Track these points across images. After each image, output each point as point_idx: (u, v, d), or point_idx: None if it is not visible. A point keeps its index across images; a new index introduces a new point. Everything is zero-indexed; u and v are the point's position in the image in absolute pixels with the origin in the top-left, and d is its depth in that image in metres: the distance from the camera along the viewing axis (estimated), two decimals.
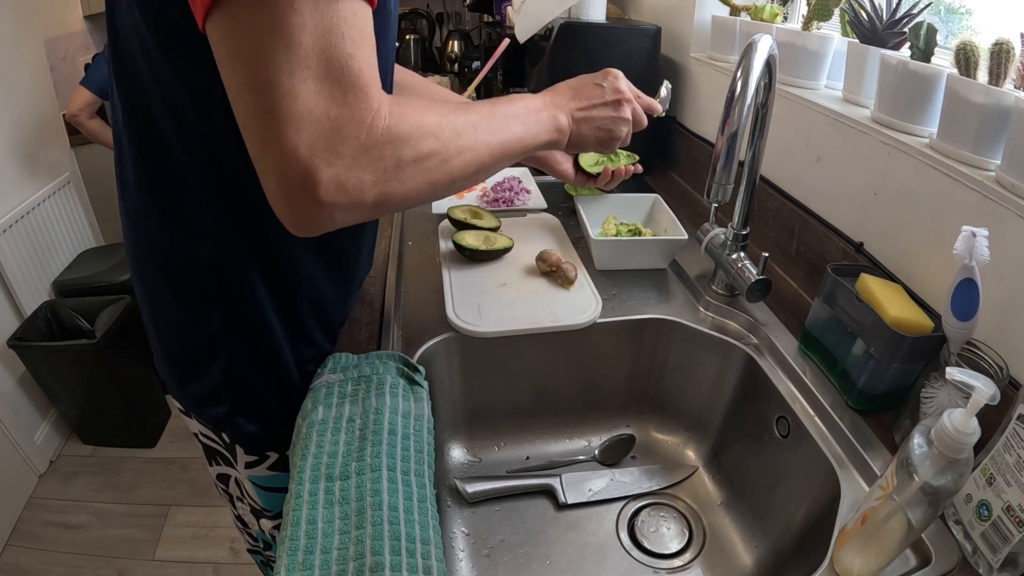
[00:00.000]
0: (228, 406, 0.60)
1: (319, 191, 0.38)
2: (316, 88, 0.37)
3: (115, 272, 1.90)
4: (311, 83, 0.37)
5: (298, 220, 0.41)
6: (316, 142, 0.38)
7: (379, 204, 0.42)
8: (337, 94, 0.38)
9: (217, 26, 0.37)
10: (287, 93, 0.36)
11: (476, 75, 1.10)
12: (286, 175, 0.38)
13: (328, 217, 0.40)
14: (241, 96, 0.38)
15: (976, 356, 0.53)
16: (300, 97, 0.37)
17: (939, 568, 0.48)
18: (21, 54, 1.81)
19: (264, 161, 0.39)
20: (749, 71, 0.58)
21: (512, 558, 0.67)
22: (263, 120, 0.37)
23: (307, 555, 0.43)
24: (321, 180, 0.38)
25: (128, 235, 0.57)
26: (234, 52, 0.37)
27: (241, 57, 0.37)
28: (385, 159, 0.41)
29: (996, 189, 0.56)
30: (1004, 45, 0.56)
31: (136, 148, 0.51)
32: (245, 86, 0.37)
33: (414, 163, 0.43)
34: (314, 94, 0.37)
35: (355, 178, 0.40)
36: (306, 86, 0.37)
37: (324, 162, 0.38)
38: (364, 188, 0.41)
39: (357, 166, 0.40)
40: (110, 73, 0.50)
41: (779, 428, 0.68)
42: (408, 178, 0.43)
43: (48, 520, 1.64)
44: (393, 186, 0.42)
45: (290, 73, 0.36)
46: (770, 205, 0.92)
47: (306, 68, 0.37)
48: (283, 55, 0.36)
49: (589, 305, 0.76)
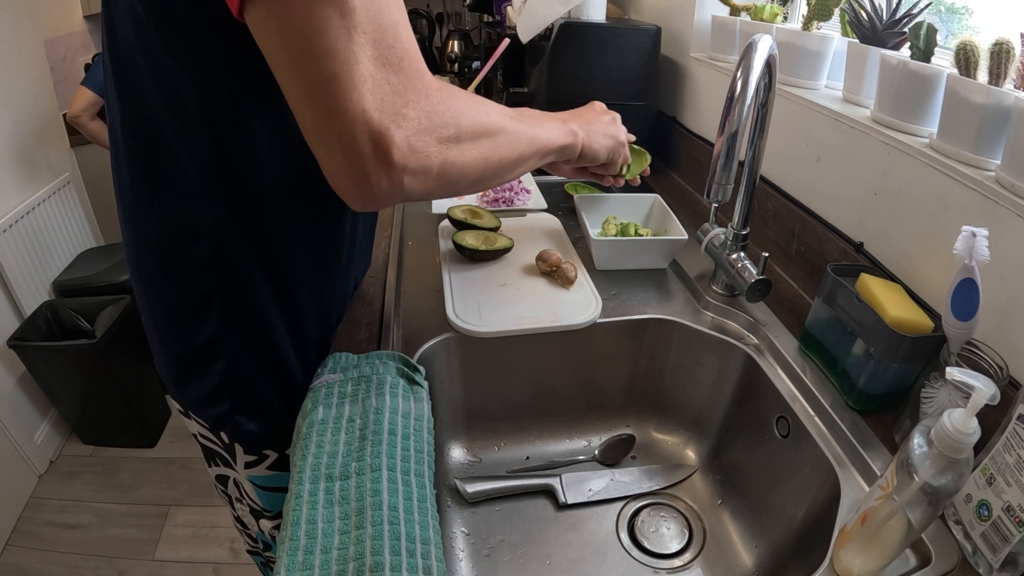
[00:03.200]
0: (228, 405, 0.60)
1: (392, 153, 0.38)
2: (374, 53, 0.37)
3: (115, 272, 1.90)
4: (369, 48, 0.37)
5: (368, 189, 0.40)
6: (384, 104, 0.37)
7: (442, 173, 0.43)
8: (394, 59, 0.38)
9: (260, 5, 0.37)
10: (349, 58, 0.36)
11: (476, 75, 1.10)
12: (356, 140, 0.37)
13: (398, 183, 0.40)
14: (296, 69, 0.37)
15: (976, 356, 0.53)
16: (361, 61, 0.37)
17: (939, 568, 0.48)
18: (21, 54, 1.81)
19: (329, 132, 0.38)
20: (749, 71, 0.58)
21: (512, 558, 0.67)
22: (326, 88, 0.37)
23: (307, 555, 0.43)
24: (394, 140, 0.38)
25: (127, 235, 0.57)
26: (284, 25, 0.36)
27: (293, 29, 0.36)
28: (447, 127, 0.42)
29: (996, 189, 0.56)
30: (1004, 45, 0.56)
31: (134, 147, 0.50)
32: (300, 58, 0.37)
33: (471, 136, 0.44)
34: (373, 59, 0.37)
35: (423, 142, 0.40)
36: (365, 51, 0.37)
37: (394, 123, 0.38)
38: (431, 154, 0.41)
39: (423, 131, 0.40)
40: (106, 73, 0.50)
41: (779, 428, 0.68)
42: (467, 150, 0.44)
43: (48, 520, 1.64)
44: (454, 155, 0.43)
45: (348, 39, 0.36)
46: (770, 205, 0.92)
47: (363, 33, 0.37)
48: (339, 20, 0.36)
49: (589, 305, 0.76)
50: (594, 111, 0.73)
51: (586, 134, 0.67)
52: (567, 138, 0.63)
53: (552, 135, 0.60)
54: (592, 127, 0.69)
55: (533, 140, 0.55)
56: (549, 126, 0.60)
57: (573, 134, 0.64)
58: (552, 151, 0.61)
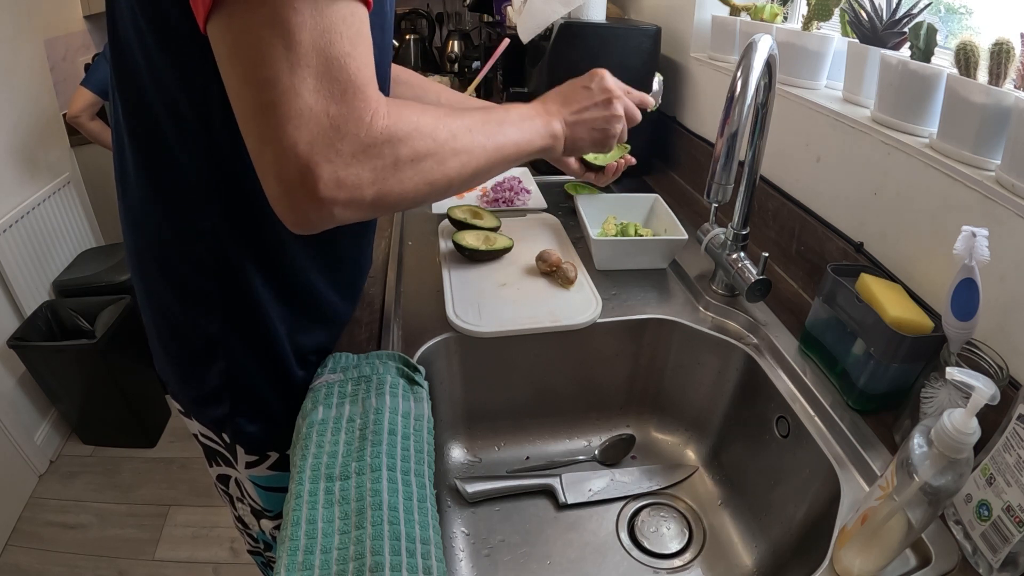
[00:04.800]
0: (228, 406, 0.60)
1: (319, 187, 0.39)
2: (316, 86, 0.37)
3: (115, 272, 1.90)
4: (311, 81, 0.37)
5: (297, 217, 0.41)
6: (316, 139, 0.38)
7: (377, 202, 0.43)
8: (336, 92, 0.38)
9: (217, 25, 0.37)
10: (287, 90, 0.37)
11: (476, 75, 1.10)
12: (285, 171, 0.38)
13: (327, 214, 0.40)
14: (240, 93, 0.38)
15: (976, 356, 0.53)
16: (300, 94, 0.37)
17: (939, 568, 0.48)
18: (21, 54, 1.81)
19: (263, 158, 0.39)
20: (749, 71, 0.58)
21: (512, 558, 0.67)
22: (263, 117, 0.37)
23: (307, 555, 0.43)
24: (321, 176, 0.38)
25: (128, 235, 0.57)
26: (234, 50, 0.37)
27: (241, 55, 0.37)
28: (384, 157, 0.41)
29: (996, 189, 0.56)
30: (1004, 45, 0.56)
31: (136, 148, 0.51)
32: (245, 83, 0.38)
33: (411, 163, 0.43)
34: (313, 92, 0.37)
35: (354, 175, 0.40)
36: (306, 84, 0.37)
37: (324, 158, 0.38)
38: (363, 186, 0.41)
39: (356, 163, 0.40)
40: (111, 72, 0.50)
41: (779, 428, 0.68)
42: (406, 178, 0.44)
43: (48, 520, 1.64)
44: (391, 185, 0.43)
45: (290, 71, 0.36)
46: (770, 205, 0.92)
47: (306, 66, 0.37)
48: (283, 52, 0.36)
49: (589, 305, 0.76)
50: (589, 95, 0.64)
51: (571, 130, 0.62)
52: (544, 142, 0.59)
53: (525, 139, 0.57)
54: (582, 118, 0.63)
55: (498, 150, 0.52)
56: (525, 129, 0.57)
57: (553, 137, 0.60)
58: (525, 156, 0.57)
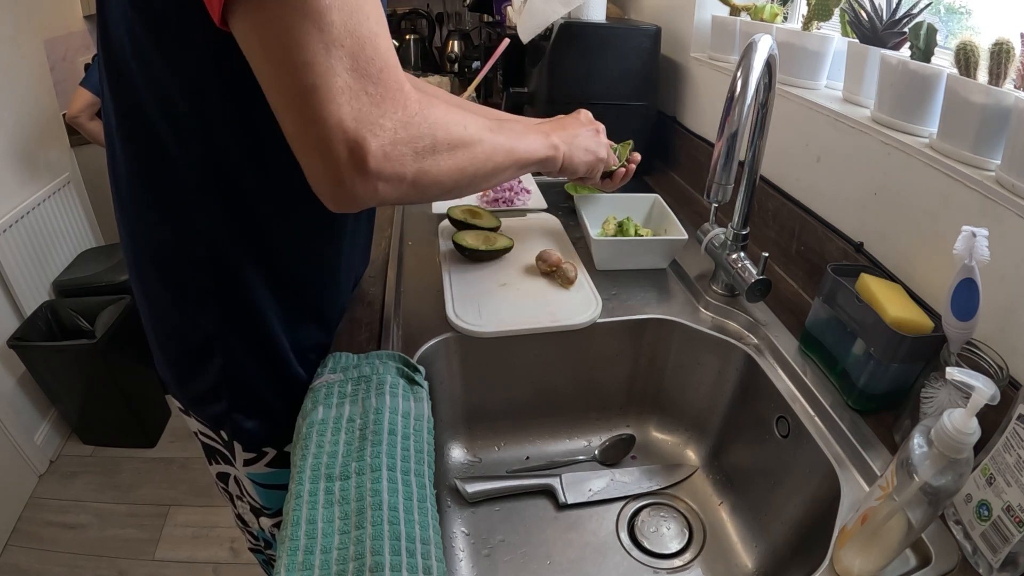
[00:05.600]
0: (226, 403, 0.60)
1: (368, 160, 0.40)
2: (352, 65, 0.38)
3: (115, 272, 1.90)
4: (347, 60, 0.38)
5: (343, 193, 0.42)
6: (361, 114, 0.39)
7: (416, 181, 0.44)
8: (372, 71, 0.39)
9: (244, 17, 0.38)
10: (327, 71, 0.38)
11: (476, 75, 1.10)
12: (334, 148, 0.39)
13: (372, 189, 0.42)
14: (277, 80, 0.39)
15: (976, 356, 0.53)
16: (339, 74, 0.38)
17: (939, 568, 0.48)
18: (21, 54, 1.81)
19: (307, 139, 0.40)
20: (749, 71, 0.58)
21: (512, 558, 0.67)
22: (305, 99, 0.38)
23: (307, 555, 0.43)
24: (370, 149, 0.40)
25: (124, 234, 0.57)
26: (266, 39, 0.38)
27: (274, 42, 0.38)
28: (423, 138, 0.43)
29: (996, 189, 0.56)
30: (1004, 45, 0.56)
31: (129, 147, 0.51)
32: (281, 69, 0.38)
33: (448, 148, 0.46)
34: (351, 71, 0.38)
35: (399, 151, 0.42)
36: (343, 63, 0.38)
37: (371, 132, 0.40)
38: (406, 163, 0.42)
39: (399, 140, 0.41)
40: (101, 73, 0.50)
41: (779, 428, 0.68)
42: (442, 160, 0.45)
43: (48, 520, 1.64)
44: (429, 165, 0.44)
45: (326, 52, 0.37)
46: (770, 205, 0.92)
47: (340, 47, 0.38)
48: (316, 35, 0.37)
49: (589, 305, 0.76)
50: (579, 123, 0.73)
51: (568, 148, 0.68)
52: (547, 151, 0.65)
53: (532, 147, 0.61)
54: (576, 141, 0.70)
55: (511, 153, 0.56)
56: (530, 139, 0.62)
57: (554, 148, 0.66)
58: (531, 163, 0.62)
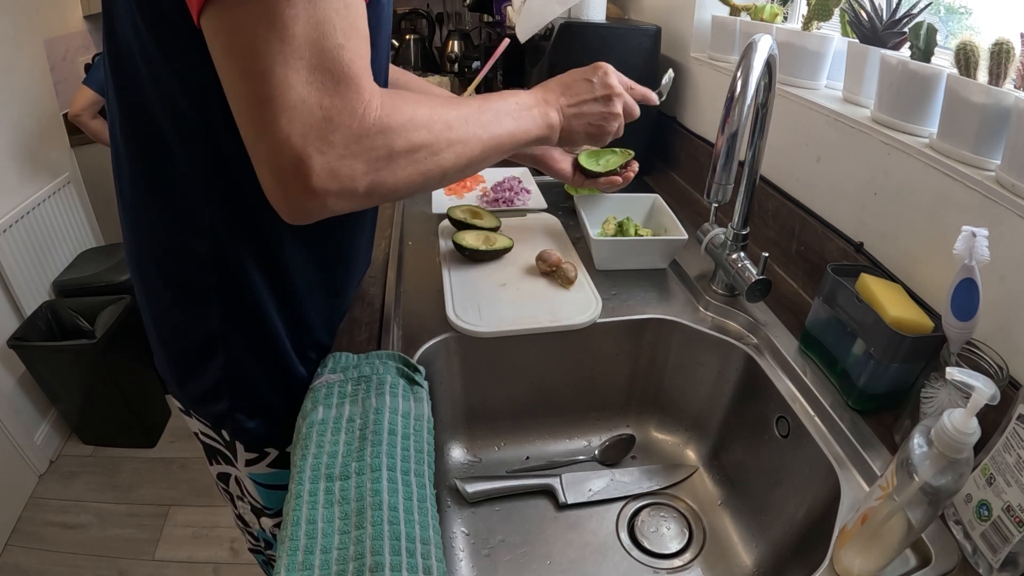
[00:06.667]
0: (227, 403, 0.60)
1: (311, 179, 0.39)
2: (309, 78, 0.38)
3: (115, 272, 1.90)
4: (304, 73, 0.38)
5: (292, 208, 0.42)
6: (309, 131, 0.38)
7: (370, 193, 0.43)
8: (329, 84, 0.39)
9: (212, 19, 0.38)
10: (281, 83, 0.37)
11: (476, 75, 1.10)
12: (279, 163, 0.39)
13: (320, 204, 0.41)
14: (235, 87, 0.39)
15: (976, 356, 0.53)
16: (293, 87, 0.38)
17: (939, 568, 0.48)
18: (21, 54, 1.81)
19: (258, 150, 0.40)
20: (749, 71, 0.58)
21: (512, 558, 0.67)
22: (257, 110, 0.38)
23: (307, 555, 0.43)
24: (314, 168, 0.39)
25: (127, 233, 0.57)
26: (228, 44, 0.38)
27: (235, 48, 0.38)
28: (377, 149, 0.42)
29: (996, 189, 0.56)
30: (1004, 45, 0.56)
31: (133, 145, 0.51)
32: (239, 76, 0.38)
33: (405, 154, 0.44)
34: (307, 84, 0.38)
35: (347, 166, 0.41)
36: (299, 76, 0.38)
37: (316, 150, 0.39)
38: (356, 176, 0.42)
39: (349, 155, 0.41)
40: (106, 71, 0.50)
41: (779, 428, 0.68)
42: (399, 168, 0.44)
43: (48, 520, 1.64)
44: (384, 176, 0.43)
45: (284, 63, 0.37)
46: (770, 205, 0.92)
47: (299, 59, 0.37)
48: (277, 46, 0.37)
49: (589, 305, 0.76)
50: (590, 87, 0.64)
51: (568, 122, 0.62)
52: (541, 131, 0.60)
53: (522, 127, 0.57)
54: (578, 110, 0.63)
55: (490, 142, 0.52)
56: (523, 117, 0.57)
57: (549, 127, 0.60)
58: (519, 146, 0.58)
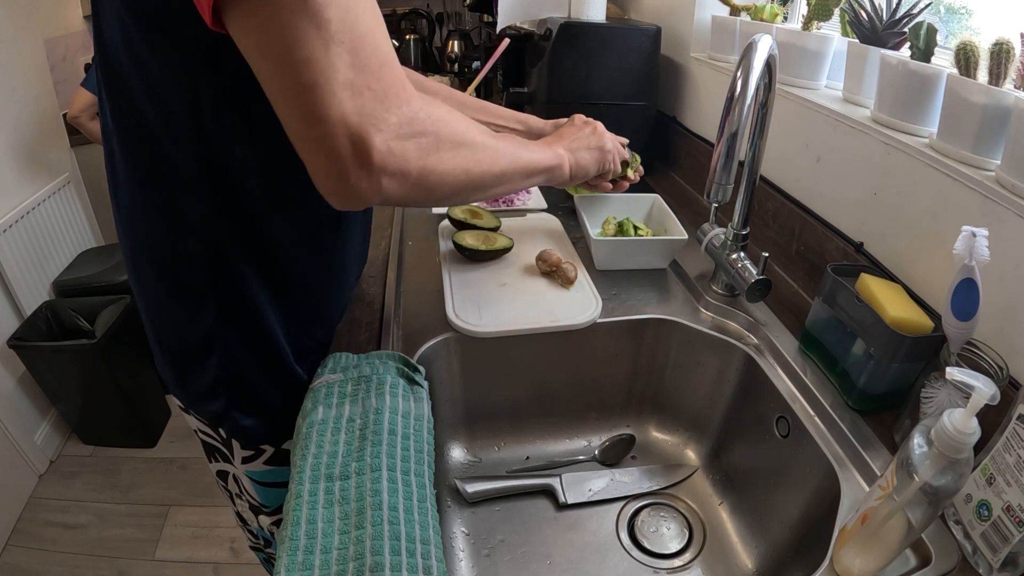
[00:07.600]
0: (224, 401, 0.60)
1: (372, 155, 0.39)
2: (352, 61, 0.38)
3: (115, 272, 1.90)
4: (347, 56, 0.38)
5: (347, 189, 0.41)
6: (364, 109, 0.39)
7: (422, 178, 0.44)
8: (372, 66, 0.39)
9: (239, 21, 0.38)
10: (327, 67, 0.37)
11: (476, 75, 1.10)
12: (337, 144, 0.39)
13: (376, 185, 0.41)
14: (277, 79, 0.39)
15: (976, 356, 0.53)
16: (339, 70, 0.38)
17: (939, 568, 0.48)
18: (21, 54, 1.81)
19: (310, 136, 0.39)
20: (749, 71, 0.58)
21: (512, 558, 0.67)
22: (305, 96, 0.38)
23: (307, 555, 0.43)
24: (374, 144, 0.39)
25: (122, 233, 0.57)
26: (263, 38, 0.38)
27: (271, 43, 0.37)
28: (427, 134, 0.43)
29: (996, 189, 0.56)
30: (1004, 45, 0.56)
31: (125, 145, 0.51)
32: (280, 68, 0.38)
33: (452, 146, 0.45)
34: (351, 67, 0.38)
35: (402, 146, 0.41)
36: (343, 59, 0.38)
37: (374, 127, 0.39)
38: (409, 158, 0.42)
39: (403, 136, 0.41)
40: (96, 71, 0.50)
41: (779, 428, 0.68)
42: (446, 158, 0.45)
43: (48, 520, 1.64)
44: (433, 162, 0.44)
45: (325, 48, 0.37)
46: (770, 205, 0.92)
47: (339, 43, 0.38)
48: (315, 33, 0.37)
49: (589, 305, 0.76)
50: (573, 126, 0.74)
51: (571, 152, 0.69)
52: (553, 160, 0.65)
53: (536, 156, 0.62)
54: (575, 143, 0.70)
55: (516, 158, 0.56)
56: (533, 147, 0.62)
57: (559, 156, 0.66)
58: (538, 171, 0.62)
